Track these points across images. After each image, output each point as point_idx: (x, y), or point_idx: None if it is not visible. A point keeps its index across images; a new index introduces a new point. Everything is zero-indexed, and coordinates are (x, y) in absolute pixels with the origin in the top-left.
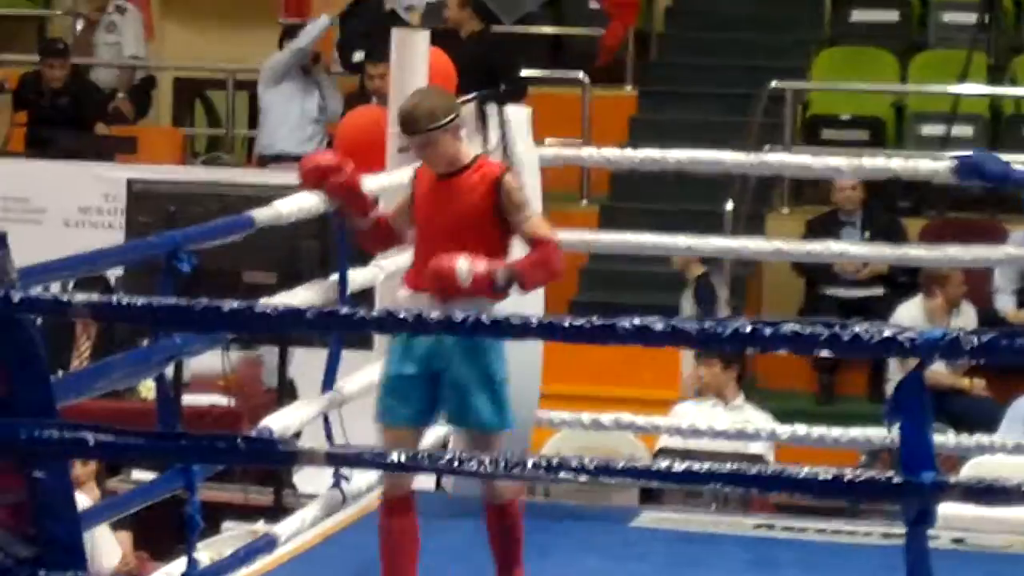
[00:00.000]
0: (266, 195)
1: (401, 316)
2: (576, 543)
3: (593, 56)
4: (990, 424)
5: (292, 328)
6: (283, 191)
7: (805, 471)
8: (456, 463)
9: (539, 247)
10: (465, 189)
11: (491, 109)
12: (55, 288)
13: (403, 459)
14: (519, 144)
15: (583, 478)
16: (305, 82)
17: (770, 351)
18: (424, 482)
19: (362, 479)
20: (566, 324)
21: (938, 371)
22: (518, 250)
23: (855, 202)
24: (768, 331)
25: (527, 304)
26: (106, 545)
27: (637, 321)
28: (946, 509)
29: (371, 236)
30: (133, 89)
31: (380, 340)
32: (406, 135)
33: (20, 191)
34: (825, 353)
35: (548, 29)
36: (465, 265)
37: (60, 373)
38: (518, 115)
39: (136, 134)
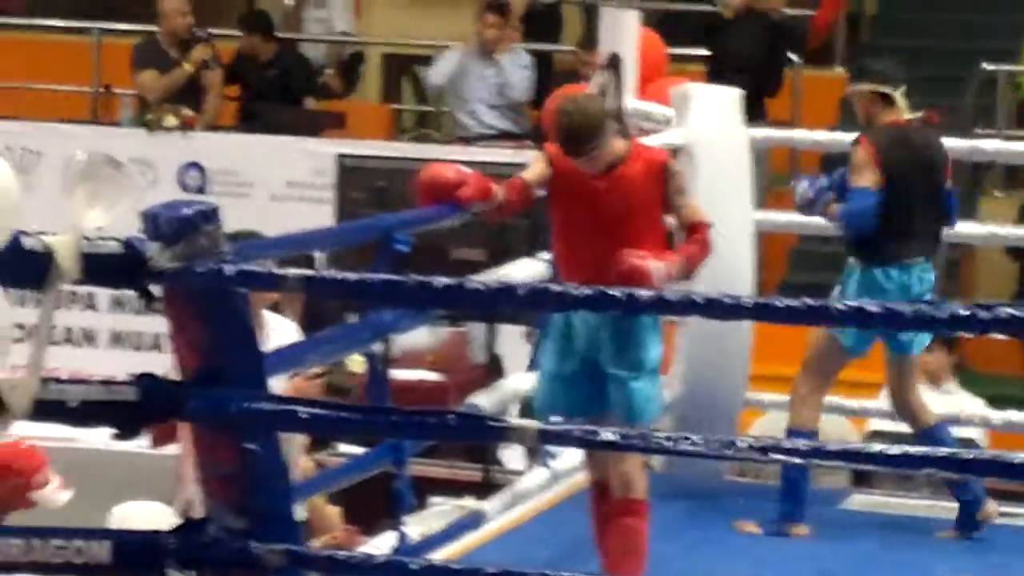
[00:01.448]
0: None
1: (613, 294)
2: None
3: (805, 37)
4: None
5: (504, 305)
6: (492, 168)
7: (1021, 456)
8: (669, 442)
9: (699, 232)
10: (628, 180)
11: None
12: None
13: (612, 437)
14: (722, 125)
15: (795, 460)
16: (484, 65)
17: (987, 335)
18: None
19: (570, 457)
20: (779, 305)
21: None
22: None
23: None
24: (984, 314)
25: (735, 285)
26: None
27: (852, 303)
28: None
29: (504, 211)
30: (342, 65)
31: None
32: (569, 155)
33: (229, 164)
34: None
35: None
36: (657, 265)
37: None
38: (728, 96)
39: (345, 109)
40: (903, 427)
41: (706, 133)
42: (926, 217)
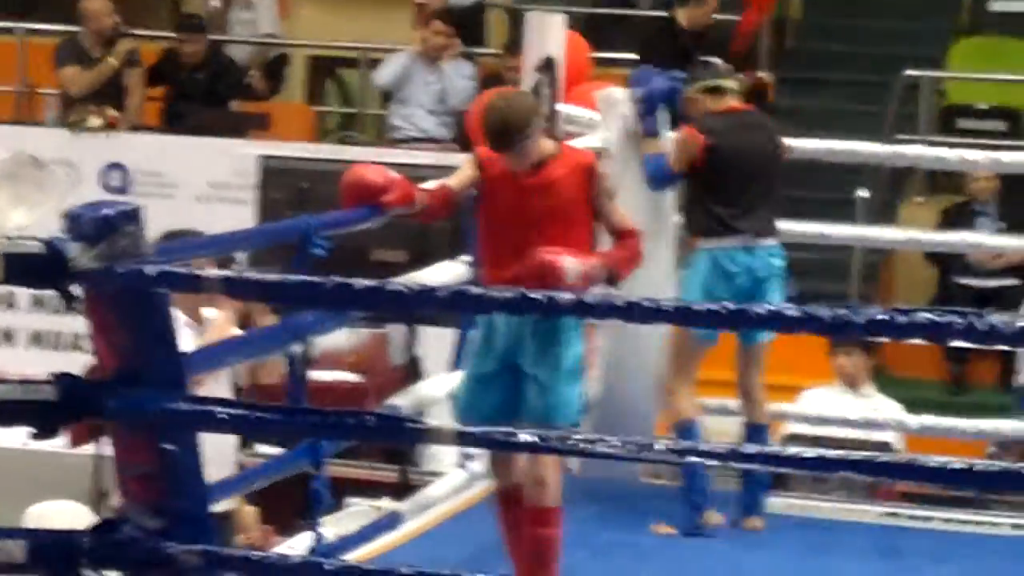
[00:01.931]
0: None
1: (534, 297)
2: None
3: (728, 42)
4: None
5: (425, 307)
6: (414, 171)
7: (936, 460)
8: (586, 444)
9: (628, 238)
10: (554, 180)
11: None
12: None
13: (532, 439)
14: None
15: (712, 463)
16: (427, 71)
17: (905, 339)
18: None
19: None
20: (700, 309)
21: None
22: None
23: (989, 192)
24: (902, 319)
25: (659, 290)
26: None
27: (771, 307)
28: None
29: (426, 216)
30: (267, 66)
31: None
32: (499, 151)
33: (153, 165)
34: (959, 343)
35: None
36: (572, 262)
37: None
38: None
39: (269, 111)
40: (820, 430)
41: (629, 136)
42: (761, 197)
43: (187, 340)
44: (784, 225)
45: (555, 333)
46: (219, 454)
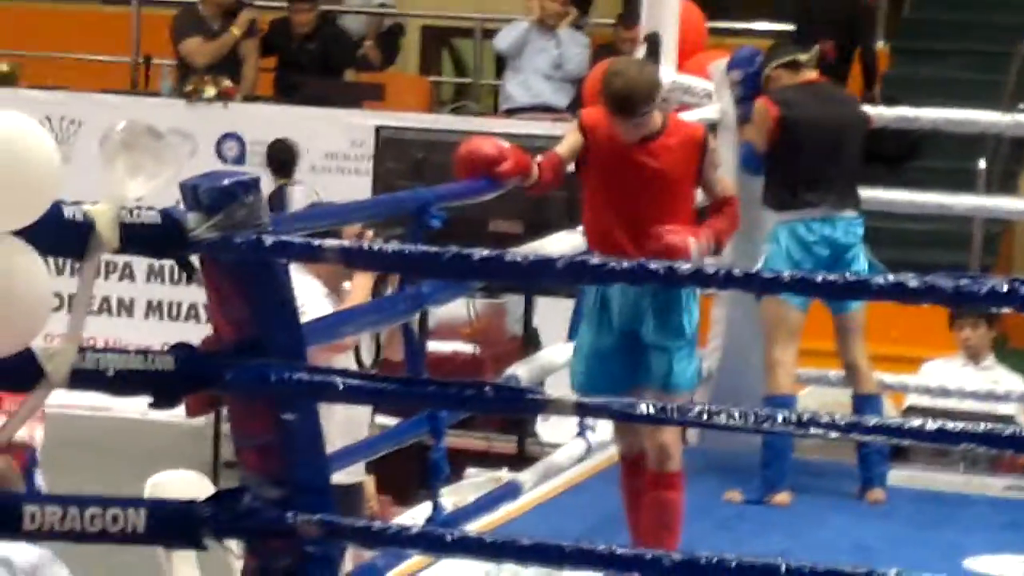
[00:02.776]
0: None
1: (653, 268)
2: (822, 499)
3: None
4: None
5: (543, 278)
6: (529, 141)
7: None
8: (706, 416)
9: (729, 206)
10: (664, 152)
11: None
12: None
13: (651, 411)
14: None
15: (833, 434)
16: (545, 38)
17: None
18: None
19: (606, 429)
20: (819, 280)
21: None
22: None
23: None
24: None
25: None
26: None
27: (891, 277)
28: None
29: (540, 187)
30: (381, 37)
31: None
32: (620, 116)
33: (268, 135)
34: None
35: None
36: (695, 242)
37: None
38: None
39: (383, 81)
40: (940, 402)
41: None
42: (840, 168)
43: (326, 311)
44: (903, 196)
45: (674, 302)
46: (356, 425)
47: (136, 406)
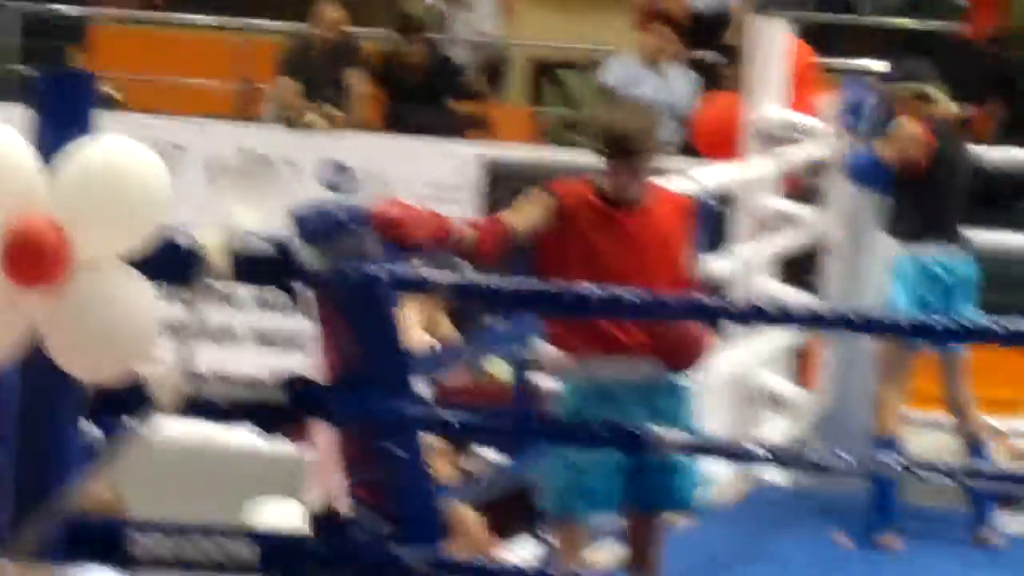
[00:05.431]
0: None
1: (764, 308)
2: (931, 545)
3: None
4: None
5: (656, 314)
6: None
7: None
8: (818, 459)
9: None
10: (656, 220)
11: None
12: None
13: (768, 454)
14: None
15: (948, 481)
16: (652, 73)
17: None
18: (777, 476)
19: (719, 468)
20: (933, 323)
21: None
22: None
23: None
24: None
25: (876, 302)
26: None
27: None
28: None
29: (480, 259)
30: (486, 67)
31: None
32: (622, 154)
33: (373, 164)
34: None
35: (906, 22)
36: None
37: None
38: None
39: (489, 112)
40: None
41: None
42: (962, 208)
43: None
44: (1011, 237)
45: (685, 402)
46: None
47: (242, 436)
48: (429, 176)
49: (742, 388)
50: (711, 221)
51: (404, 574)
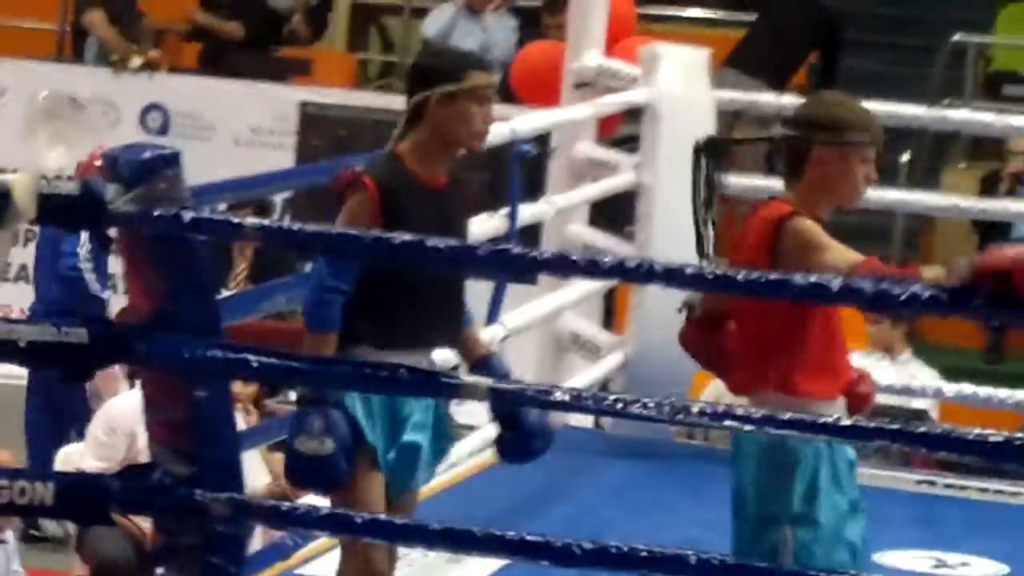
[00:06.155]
0: None
1: (574, 259)
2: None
3: None
4: None
5: (463, 265)
6: None
7: (975, 432)
8: (620, 406)
9: None
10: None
11: None
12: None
13: (567, 398)
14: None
15: (747, 427)
16: (472, 21)
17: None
18: (583, 420)
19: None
20: (739, 278)
21: None
22: None
23: None
24: (945, 296)
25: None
26: (251, 464)
27: (813, 278)
28: None
29: None
30: (309, 12)
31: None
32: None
33: (192, 107)
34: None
35: None
36: None
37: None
38: (695, 57)
39: (310, 56)
40: None
41: (672, 93)
42: None
43: None
44: None
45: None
46: None
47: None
48: (250, 120)
49: (550, 333)
50: (528, 167)
51: (203, 517)
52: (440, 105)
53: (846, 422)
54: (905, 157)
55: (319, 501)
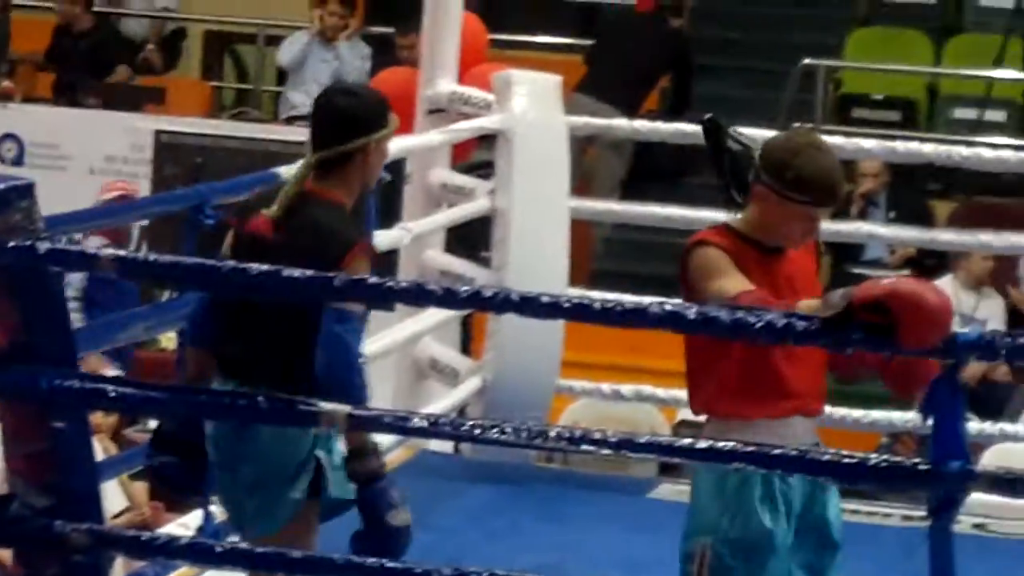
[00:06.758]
0: (292, 151)
1: (430, 288)
2: (593, 513)
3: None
4: (1012, 410)
5: (320, 295)
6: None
7: (830, 454)
8: (478, 431)
9: None
10: (801, 263)
11: None
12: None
13: (424, 424)
14: (542, 111)
15: (605, 451)
16: (325, 49)
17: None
18: (442, 445)
19: (381, 438)
20: (595, 307)
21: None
22: None
23: (879, 186)
24: (785, 323)
25: (551, 273)
26: (108, 493)
27: (667, 307)
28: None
29: None
30: (163, 40)
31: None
32: (828, 202)
33: (47, 137)
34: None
35: None
36: None
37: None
38: (548, 83)
39: (165, 85)
40: None
41: (526, 119)
42: None
43: None
44: (678, 211)
45: None
46: None
47: None
48: (105, 150)
49: (408, 358)
50: (383, 194)
51: (63, 548)
52: (375, 149)
53: (704, 444)
54: None
55: (180, 529)
